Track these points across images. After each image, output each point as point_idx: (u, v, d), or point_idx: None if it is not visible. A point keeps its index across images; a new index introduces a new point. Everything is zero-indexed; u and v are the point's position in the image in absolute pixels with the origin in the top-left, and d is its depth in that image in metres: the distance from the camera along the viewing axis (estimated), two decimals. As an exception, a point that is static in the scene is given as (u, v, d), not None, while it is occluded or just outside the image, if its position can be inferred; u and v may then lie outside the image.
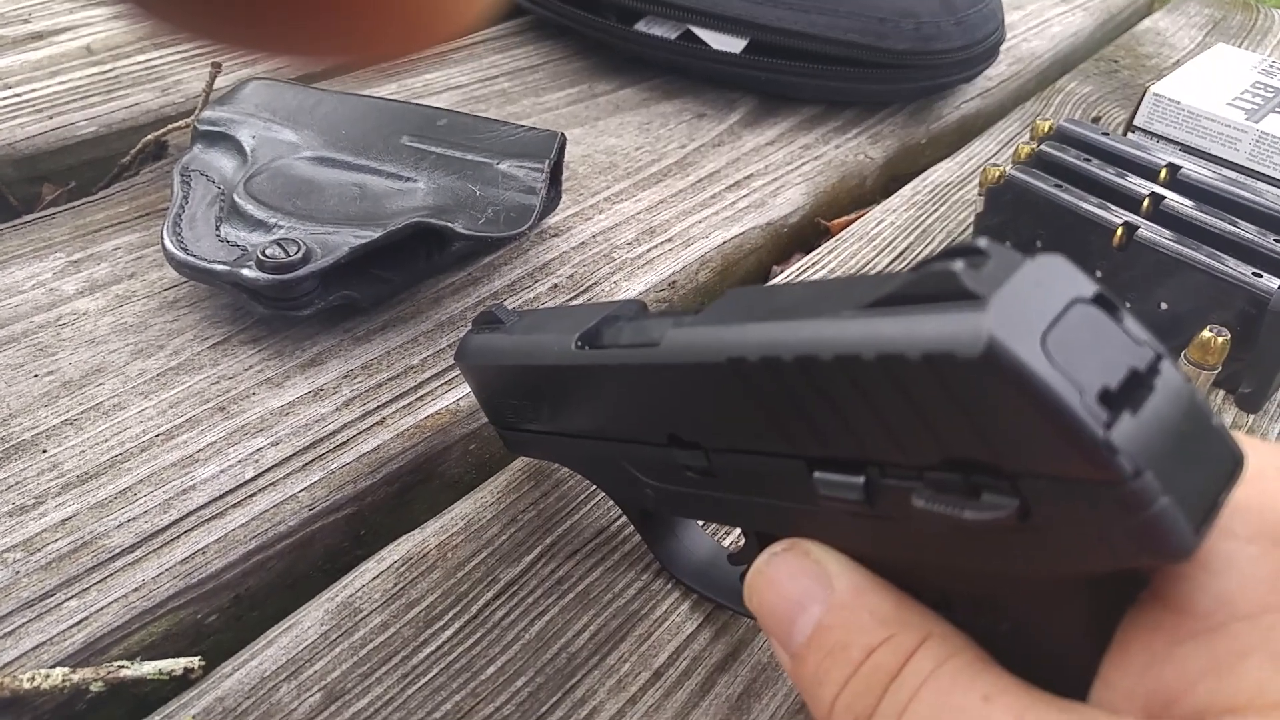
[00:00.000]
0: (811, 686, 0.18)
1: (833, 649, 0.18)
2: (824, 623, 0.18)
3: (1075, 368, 0.14)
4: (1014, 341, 0.14)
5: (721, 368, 0.19)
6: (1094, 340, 0.14)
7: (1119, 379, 0.14)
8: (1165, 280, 0.40)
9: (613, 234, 0.46)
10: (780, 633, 0.19)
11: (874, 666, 0.17)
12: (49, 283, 0.39)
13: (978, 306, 0.14)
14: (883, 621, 0.18)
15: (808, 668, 0.18)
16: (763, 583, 0.20)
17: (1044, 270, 0.15)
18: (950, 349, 0.14)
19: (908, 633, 0.17)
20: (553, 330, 0.26)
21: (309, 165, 0.41)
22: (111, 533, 0.30)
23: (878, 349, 0.15)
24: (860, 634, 0.18)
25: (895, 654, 0.17)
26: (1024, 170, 0.44)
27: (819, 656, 0.18)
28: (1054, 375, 0.14)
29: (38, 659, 0.27)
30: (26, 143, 0.46)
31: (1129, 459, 0.13)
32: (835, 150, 0.55)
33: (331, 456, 0.33)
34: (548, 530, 0.32)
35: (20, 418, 0.33)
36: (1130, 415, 0.14)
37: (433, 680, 0.27)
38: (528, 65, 0.59)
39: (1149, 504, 0.14)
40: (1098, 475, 0.14)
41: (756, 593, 0.20)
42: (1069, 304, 0.14)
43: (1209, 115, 0.51)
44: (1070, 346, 0.14)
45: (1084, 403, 0.14)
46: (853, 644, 0.18)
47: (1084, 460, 0.14)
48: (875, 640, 0.17)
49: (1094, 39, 0.76)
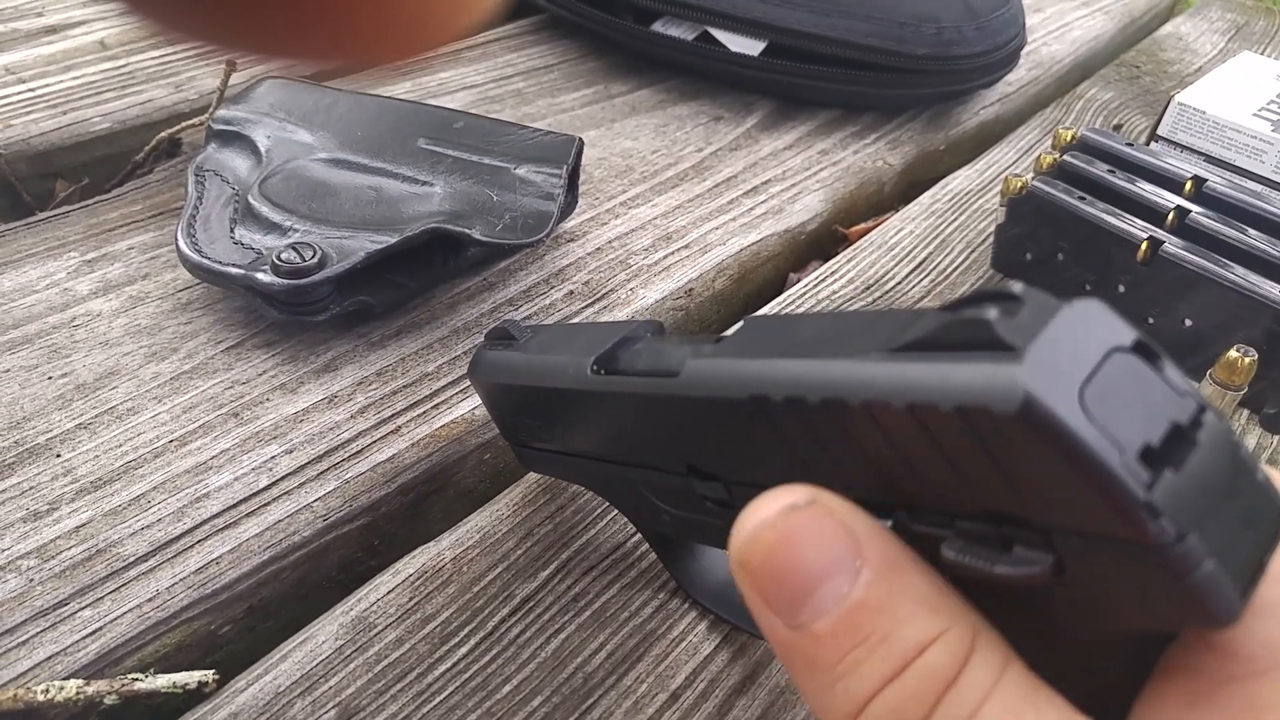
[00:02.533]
0: (827, 675, 0.15)
1: (869, 638, 0.15)
2: (860, 602, 0.15)
3: (1115, 424, 0.13)
4: (1051, 397, 0.13)
5: (743, 404, 0.18)
6: (1134, 392, 0.14)
7: (1160, 434, 0.14)
8: (1190, 296, 0.39)
9: (629, 240, 0.45)
10: (784, 602, 0.16)
11: (926, 669, 0.15)
12: (63, 282, 0.39)
13: (1013, 359, 0.14)
14: (932, 611, 0.15)
15: (825, 652, 0.15)
16: (773, 539, 0.16)
17: (1081, 317, 0.14)
18: (984, 403, 0.14)
19: (960, 628, 0.15)
20: (568, 350, 0.25)
21: (324, 167, 0.40)
22: (125, 540, 0.30)
23: (908, 398, 0.15)
24: (907, 624, 0.15)
25: (950, 655, 0.15)
26: (1046, 181, 0.44)
27: (848, 643, 0.15)
28: (1092, 433, 0.13)
29: (51, 670, 0.27)
30: (40, 138, 0.46)
31: (1172, 522, 0.13)
32: (854, 156, 0.54)
33: (346, 465, 0.33)
34: (564, 545, 0.32)
35: (34, 421, 0.33)
36: (1172, 473, 0.13)
37: (448, 699, 0.27)
38: (542, 65, 0.59)
39: (1193, 569, 0.13)
40: (1139, 538, 0.13)
41: (760, 549, 0.16)
42: (1107, 353, 0.14)
43: (1234, 126, 0.50)
44: (1109, 400, 0.13)
45: (1124, 462, 0.13)
46: (897, 636, 0.15)
47: (1124, 522, 0.13)
48: (926, 635, 0.15)
49: (1115, 43, 0.75)
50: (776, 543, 0.16)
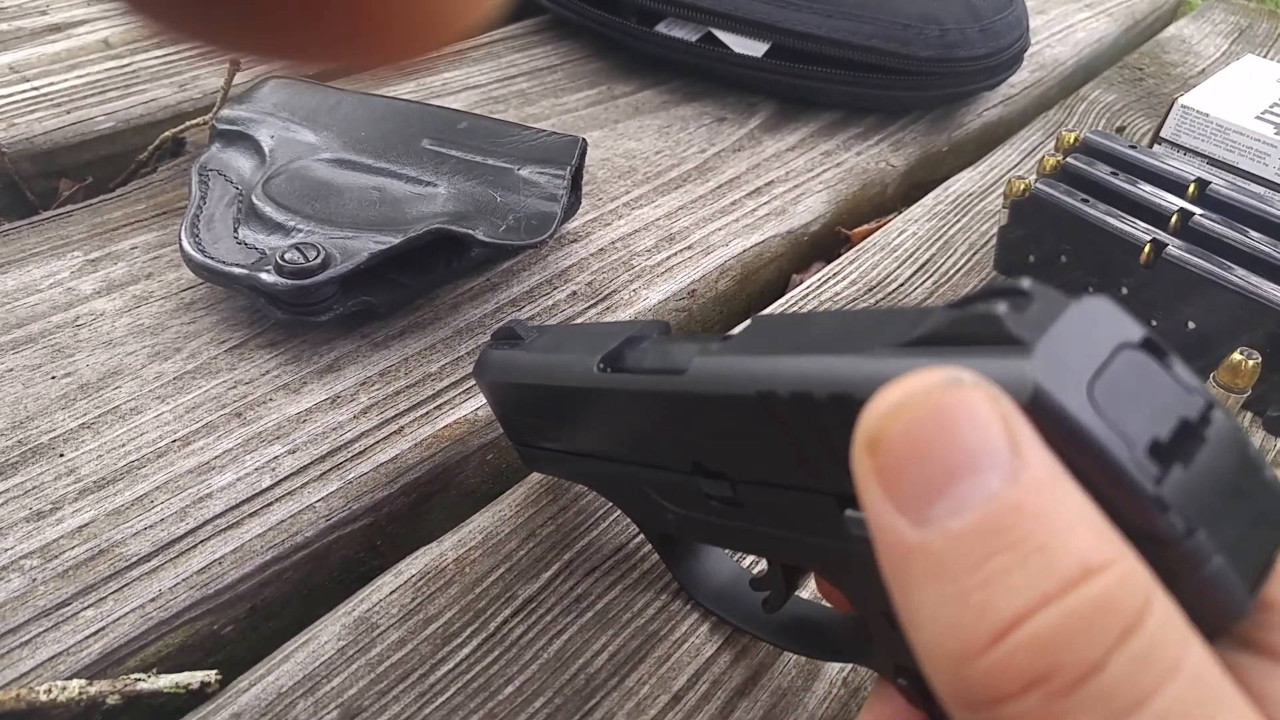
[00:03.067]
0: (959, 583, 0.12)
1: (1023, 545, 0.12)
2: (1015, 502, 0.12)
3: (1124, 418, 0.13)
4: (1060, 391, 0.13)
5: (750, 400, 0.18)
6: (1142, 388, 0.14)
7: (1169, 429, 0.14)
8: (1193, 299, 0.39)
9: (632, 240, 0.45)
10: (916, 489, 0.13)
11: (1099, 598, 0.12)
12: (66, 282, 0.39)
13: (1022, 353, 0.14)
14: (1098, 533, 0.13)
15: (961, 554, 0.13)
16: (923, 410, 0.13)
17: (1090, 313, 0.14)
18: None
19: (1136, 566, 0.13)
20: (574, 350, 0.25)
21: (328, 167, 0.40)
22: (128, 540, 0.30)
23: None
24: (1072, 540, 0.12)
25: (1126, 590, 0.12)
26: (1049, 183, 0.43)
27: (992, 546, 0.12)
28: (1102, 427, 0.13)
29: (54, 670, 0.27)
30: (44, 137, 0.46)
31: (1181, 516, 0.13)
32: (857, 157, 0.54)
33: (349, 466, 0.33)
34: (566, 546, 0.32)
35: (38, 420, 0.33)
36: (1181, 469, 0.13)
37: (450, 699, 0.27)
38: (546, 65, 0.59)
39: (1201, 564, 0.13)
40: (1148, 532, 0.13)
41: (903, 421, 0.13)
42: (1116, 349, 0.14)
43: (1238, 129, 0.50)
44: (1118, 395, 0.13)
45: (1133, 456, 0.13)
46: (1060, 549, 0.12)
47: (1133, 516, 0.13)
48: (1094, 558, 0.12)
49: (1118, 46, 0.75)
50: (924, 417, 0.13)
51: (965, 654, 0.12)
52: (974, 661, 0.12)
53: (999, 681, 0.12)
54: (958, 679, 0.13)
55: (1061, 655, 0.12)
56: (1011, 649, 0.12)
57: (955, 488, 0.13)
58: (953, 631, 0.13)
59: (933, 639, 0.13)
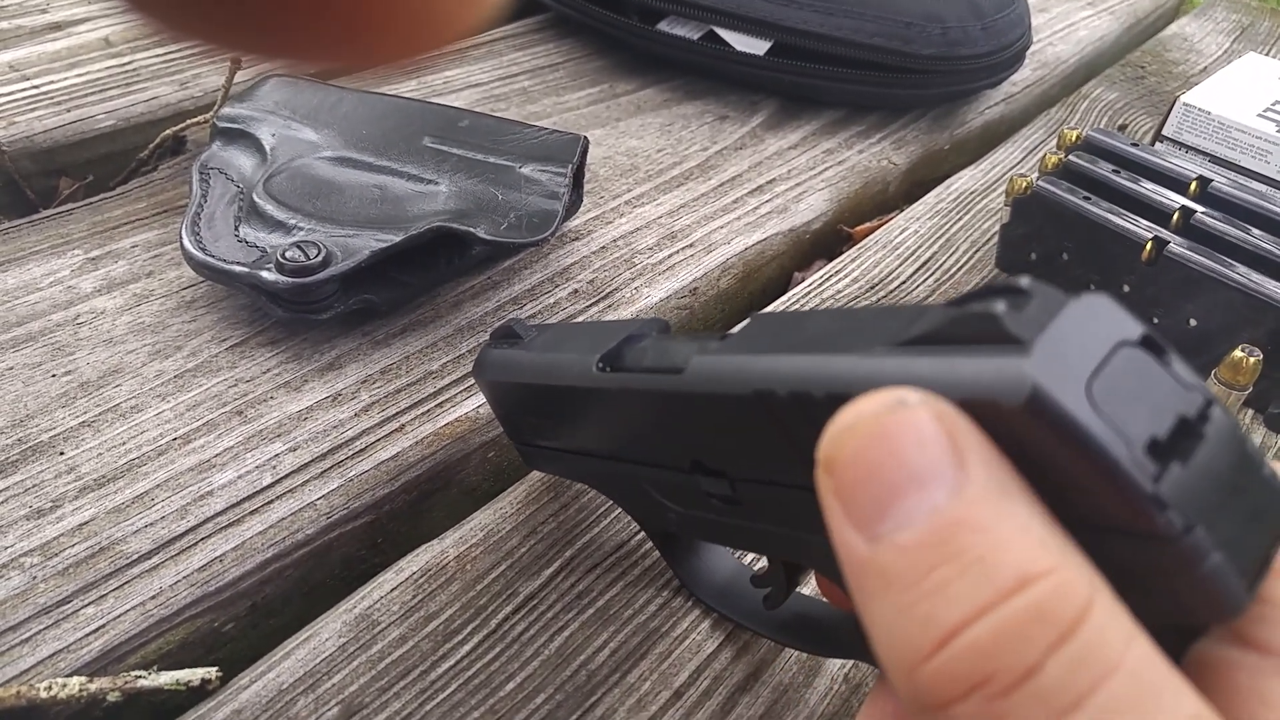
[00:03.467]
0: (905, 595, 0.13)
1: (963, 557, 0.13)
2: (957, 517, 0.13)
3: (1122, 417, 0.13)
4: (1058, 390, 0.13)
5: (748, 399, 0.18)
6: (1141, 386, 0.14)
7: (1167, 427, 0.14)
8: (1194, 296, 0.39)
9: (634, 238, 0.45)
10: (866, 507, 0.14)
11: (1033, 607, 0.12)
12: (67, 280, 0.39)
13: (1020, 352, 0.14)
14: (1038, 543, 0.13)
15: (906, 568, 0.13)
16: (868, 433, 0.14)
17: (1088, 311, 0.14)
18: (992, 396, 0.14)
19: (1075, 573, 0.13)
20: (573, 349, 0.25)
21: (329, 165, 0.40)
22: (129, 538, 0.30)
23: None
24: (1010, 551, 0.13)
25: (1061, 598, 0.13)
26: (1051, 181, 0.43)
27: (935, 559, 0.13)
28: (1100, 426, 0.13)
29: (54, 667, 0.27)
30: (44, 135, 0.46)
31: (1179, 514, 0.13)
32: (859, 155, 0.54)
33: (350, 464, 0.33)
34: (568, 543, 0.32)
35: (38, 418, 0.33)
36: (1180, 466, 0.13)
37: (451, 696, 0.27)
38: (548, 64, 0.58)
39: (1200, 561, 0.13)
40: (1146, 530, 0.13)
41: (851, 444, 0.14)
42: (1114, 347, 0.14)
43: (1239, 126, 0.50)
44: (1116, 394, 0.13)
45: (1131, 455, 0.13)
46: (998, 561, 0.13)
47: (1132, 514, 0.13)
48: (1032, 568, 0.13)
49: (1120, 44, 0.75)
50: (871, 438, 0.14)
51: (913, 661, 0.13)
52: (921, 668, 0.13)
53: (943, 686, 0.13)
54: (909, 684, 0.13)
55: (998, 660, 0.12)
56: (952, 656, 0.13)
57: (902, 504, 0.14)
58: (903, 640, 0.13)
59: (887, 647, 0.14)
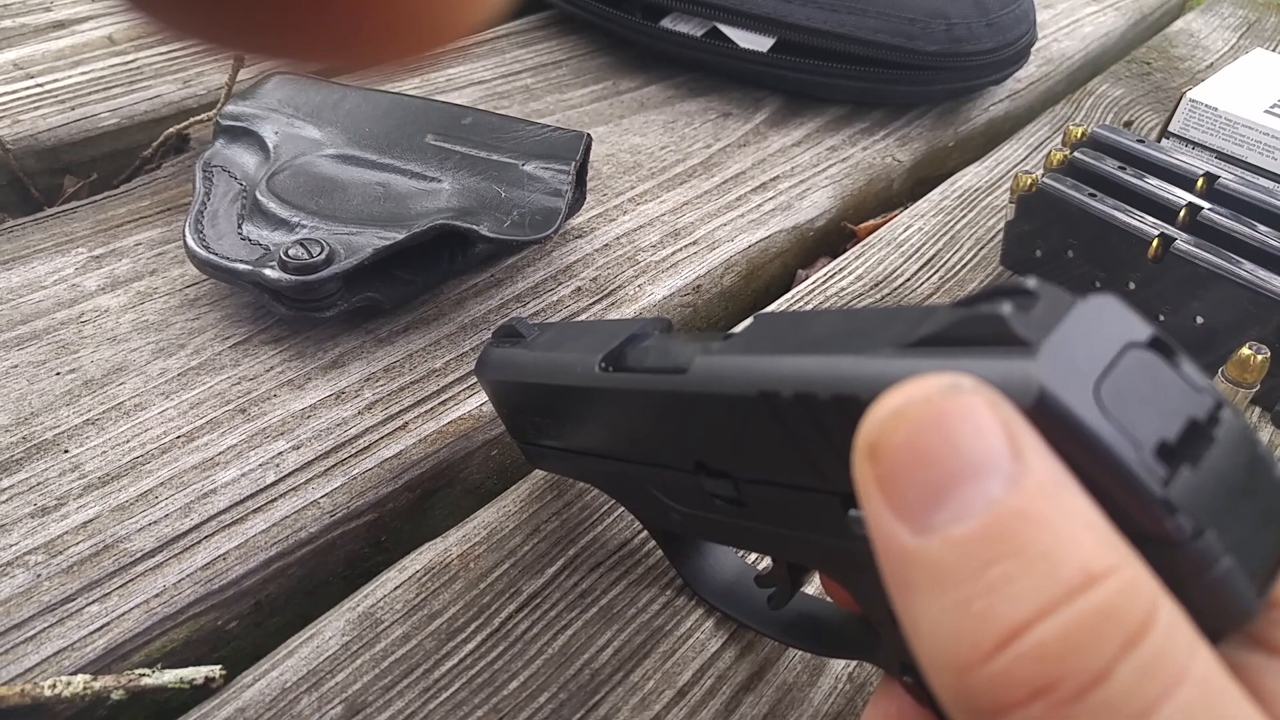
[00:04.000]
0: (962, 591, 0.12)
1: (1025, 551, 0.12)
2: (1017, 509, 0.12)
3: (1131, 420, 0.13)
4: (1066, 392, 0.13)
5: (752, 400, 0.18)
6: (1150, 388, 0.14)
7: (1177, 430, 0.14)
8: (1201, 294, 0.39)
9: (637, 236, 0.45)
10: (917, 497, 0.13)
11: (1102, 607, 0.12)
12: (70, 278, 0.39)
13: (1027, 354, 0.13)
14: (1102, 539, 0.12)
15: (963, 561, 0.12)
16: (923, 417, 0.13)
17: (1096, 312, 0.14)
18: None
19: (1141, 573, 0.12)
20: (575, 348, 0.25)
21: (332, 163, 0.40)
22: (133, 536, 0.30)
23: None
24: (1075, 547, 0.12)
25: (1129, 599, 0.12)
26: (1056, 177, 0.43)
27: (994, 553, 0.12)
28: (1108, 429, 0.13)
29: (58, 665, 0.27)
30: (49, 134, 0.46)
31: (1189, 518, 0.13)
32: (862, 152, 0.54)
33: (353, 461, 0.33)
34: (571, 542, 0.32)
35: (42, 416, 0.33)
36: (1189, 470, 0.13)
37: (454, 695, 0.27)
38: (551, 61, 0.58)
39: (1210, 566, 0.13)
40: (1155, 534, 0.13)
41: (903, 428, 0.13)
42: (1123, 349, 0.14)
43: (1247, 122, 0.50)
44: (1125, 396, 0.13)
45: (1140, 458, 0.13)
46: (1062, 557, 0.12)
47: (1141, 519, 0.13)
48: (1097, 565, 0.12)
49: (1125, 40, 0.75)
50: (925, 423, 0.13)
51: (968, 662, 0.12)
52: (977, 670, 0.12)
53: (1002, 691, 0.12)
54: (960, 687, 0.12)
55: (1065, 664, 0.12)
56: (1015, 658, 0.12)
57: (956, 495, 0.13)
58: (955, 639, 0.12)
59: (935, 647, 0.13)
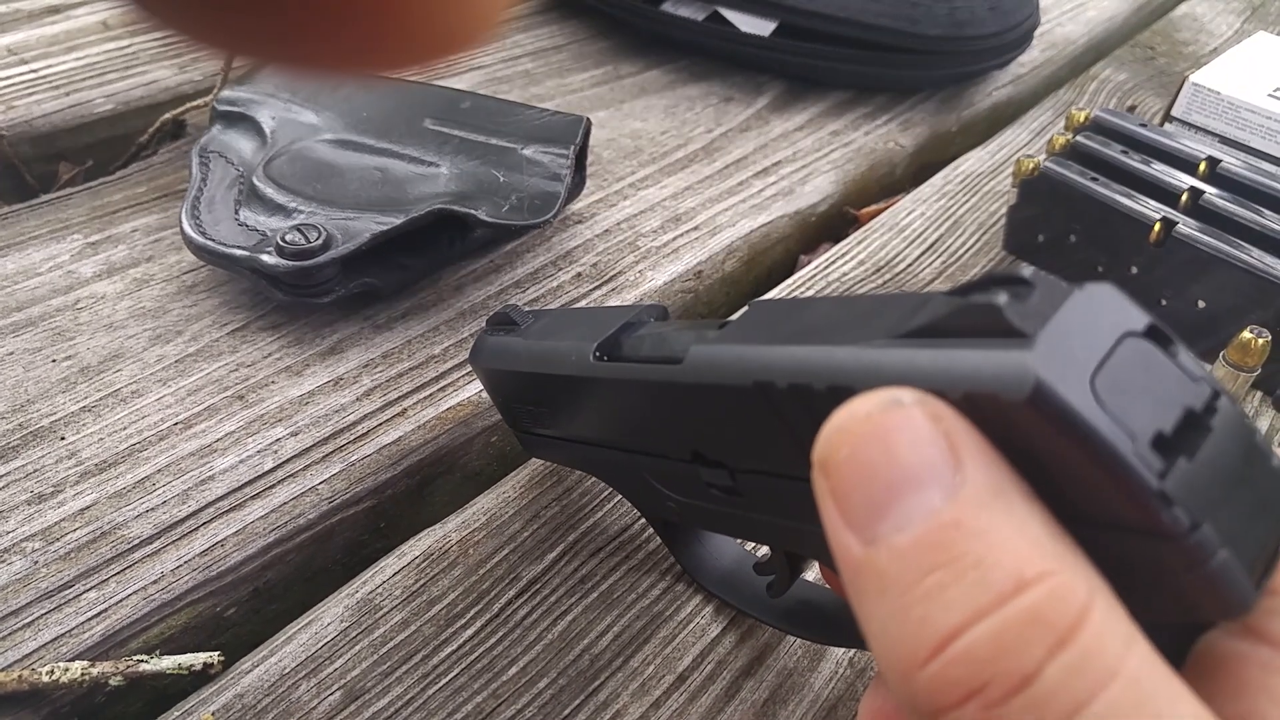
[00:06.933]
0: (902, 598, 0.13)
1: (960, 560, 0.13)
2: (954, 519, 0.13)
3: (1127, 411, 0.13)
4: (1062, 384, 0.13)
5: (748, 391, 0.18)
6: (1146, 378, 0.14)
7: (1173, 421, 0.13)
8: (1203, 278, 0.39)
9: (637, 221, 0.45)
10: (863, 509, 0.14)
11: (1031, 611, 0.12)
12: (66, 265, 0.38)
13: (1023, 345, 0.13)
14: (1037, 546, 0.13)
15: (903, 571, 0.13)
16: (864, 433, 0.14)
17: (1093, 302, 0.14)
18: (994, 390, 0.13)
19: (1073, 576, 0.13)
20: (570, 336, 0.25)
21: (330, 148, 0.40)
22: (130, 523, 0.30)
23: (916, 384, 0.14)
24: (1007, 554, 0.13)
25: (1058, 601, 0.12)
26: (1059, 162, 0.43)
27: (931, 562, 0.13)
28: (1104, 421, 0.13)
29: (56, 651, 0.27)
30: (44, 120, 0.46)
31: (1185, 511, 0.13)
32: (865, 137, 0.53)
33: (351, 448, 0.33)
34: (571, 527, 0.31)
35: (39, 403, 0.33)
36: (1186, 461, 0.13)
37: (453, 680, 0.27)
38: (551, 45, 0.58)
39: (1207, 559, 0.13)
40: (1151, 527, 0.13)
41: (847, 444, 0.14)
42: (1120, 338, 0.14)
43: (1249, 107, 0.49)
44: (1122, 387, 0.13)
45: (1136, 450, 0.13)
46: (994, 564, 0.13)
47: (1137, 512, 0.13)
48: (1028, 571, 0.12)
49: (1129, 24, 0.74)
50: (867, 438, 0.14)
51: (910, 667, 0.13)
52: (917, 674, 0.13)
53: (939, 693, 0.13)
54: (906, 690, 0.13)
55: (995, 667, 0.12)
56: (948, 662, 0.13)
57: (898, 506, 0.13)
58: (899, 644, 0.13)
59: (883, 651, 0.14)
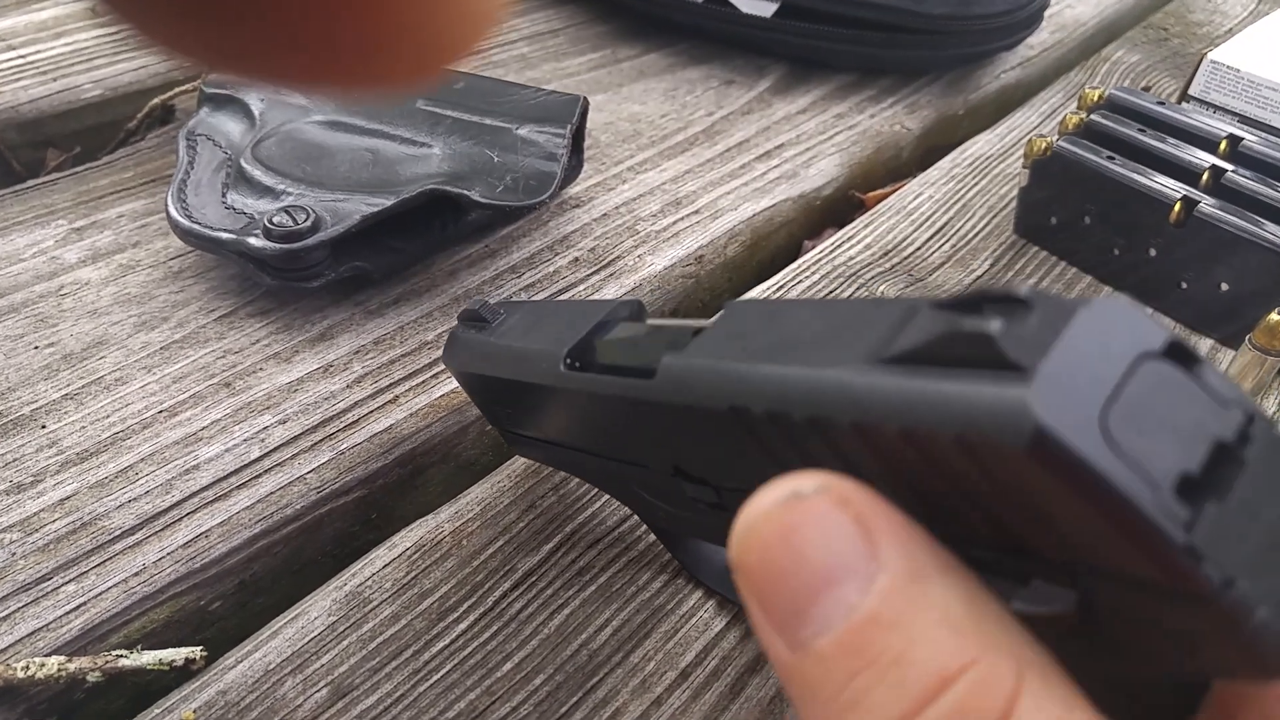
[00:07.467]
0: (829, 706, 0.12)
1: (880, 660, 0.12)
2: (872, 614, 0.12)
3: (1146, 452, 0.11)
4: (1067, 427, 0.11)
5: (723, 414, 0.16)
6: (1169, 408, 0.12)
7: (1200, 458, 0.11)
8: (1226, 259, 0.37)
9: (636, 205, 0.43)
10: (783, 613, 0.13)
11: (955, 710, 0.12)
12: (50, 250, 0.37)
13: (1021, 380, 0.11)
14: (957, 632, 0.12)
15: (828, 675, 0.13)
16: (771, 534, 0.13)
17: (1101, 320, 0.12)
18: (989, 434, 0.12)
19: (996, 661, 0.12)
20: (540, 338, 0.23)
21: (319, 129, 0.39)
22: (112, 513, 0.29)
23: (902, 421, 0.13)
24: (927, 647, 0.12)
25: (983, 693, 0.12)
26: (1073, 141, 0.41)
27: (854, 665, 0.12)
28: (1119, 468, 0.11)
29: (33, 646, 0.26)
30: (30, 106, 0.45)
31: (1216, 567, 0.11)
32: (870, 120, 0.52)
33: (341, 436, 0.32)
34: (568, 518, 0.30)
35: (19, 391, 0.32)
36: (1215, 506, 0.11)
37: (445, 677, 0.26)
38: (548, 29, 0.57)
39: (1243, 620, 0.11)
40: (1180, 589, 0.11)
41: (756, 547, 0.13)
42: (1134, 362, 0.12)
43: (1271, 84, 0.48)
44: (1139, 421, 0.11)
45: (1158, 500, 0.11)
46: (915, 660, 0.12)
47: (1161, 571, 0.11)
48: (951, 664, 0.12)
49: (1141, 6, 0.73)
50: (775, 539, 0.13)
51: None
52: None
53: None
54: None
55: None
56: None
57: (818, 606, 0.13)
58: None
59: None
